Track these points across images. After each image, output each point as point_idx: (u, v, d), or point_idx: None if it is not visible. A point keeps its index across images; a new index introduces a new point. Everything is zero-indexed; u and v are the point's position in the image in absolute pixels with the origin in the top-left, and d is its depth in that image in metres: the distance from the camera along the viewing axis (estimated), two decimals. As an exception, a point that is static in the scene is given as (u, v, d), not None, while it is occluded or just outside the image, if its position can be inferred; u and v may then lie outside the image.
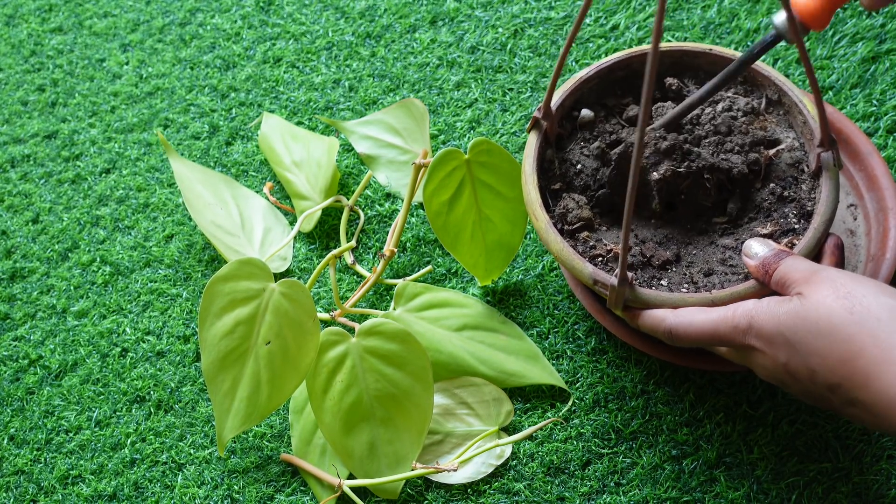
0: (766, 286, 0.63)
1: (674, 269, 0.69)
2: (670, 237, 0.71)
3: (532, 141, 0.73)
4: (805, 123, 0.70)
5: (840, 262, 0.66)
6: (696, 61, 0.75)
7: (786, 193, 0.70)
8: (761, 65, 0.73)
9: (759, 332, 0.59)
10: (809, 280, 0.59)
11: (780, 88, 0.72)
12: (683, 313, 0.64)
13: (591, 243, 0.70)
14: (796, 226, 0.68)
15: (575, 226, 0.71)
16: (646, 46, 0.75)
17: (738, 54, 0.73)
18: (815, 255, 0.66)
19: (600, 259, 0.70)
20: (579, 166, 0.74)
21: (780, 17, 0.64)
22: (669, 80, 0.75)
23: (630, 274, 0.65)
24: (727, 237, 0.70)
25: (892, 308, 0.56)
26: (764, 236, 0.68)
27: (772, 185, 0.70)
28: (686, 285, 0.68)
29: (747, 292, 0.64)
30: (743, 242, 0.68)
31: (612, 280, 0.65)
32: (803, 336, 0.57)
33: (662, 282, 0.68)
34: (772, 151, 0.71)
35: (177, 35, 1.00)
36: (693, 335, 0.63)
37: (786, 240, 0.67)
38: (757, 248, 0.65)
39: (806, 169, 0.70)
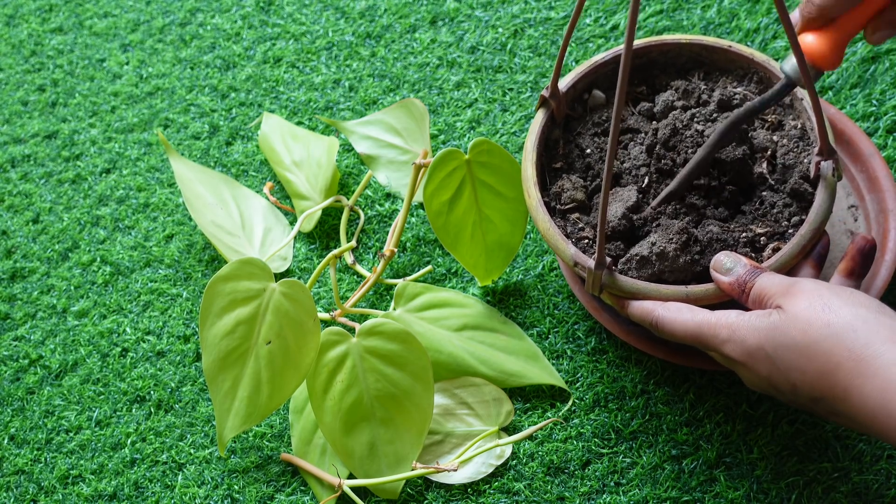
0: (742, 304, 0.63)
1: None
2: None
3: (538, 118, 0.73)
4: (812, 129, 0.70)
5: (858, 268, 0.64)
6: (713, 57, 0.75)
7: (785, 198, 0.70)
8: (777, 66, 0.72)
9: (741, 346, 0.60)
10: (787, 292, 0.59)
11: (794, 93, 0.72)
12: (671, 309, 0.64)
13: (580, 225, 0.71)
14: (788, 231, 0.68)
15: (567, 206, 0.72)
16: (668, 36, 0.75)
17: (756, 52, 0.74)
18: (798, 263, 0.66)
19: (586, 241, 0.70)
20: (584, 150, 0.74)
21: (790, 63, 0.63)
22: (677, 83, 0.75)
23: (609, 259, 0.65)
24: (721, 230, 0.70)
25: (867, 319, 0.56)
26: (756, 236, 0.68)
27: (773, 187, 0.70)
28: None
29: (720, 292, 0.64)
30: (733, 237, 0.68)
31: (590, 263, 0.65)
32: (783, 352, 0.58)
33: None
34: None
35: (177, 35, 1.00)
36: (677, 333, 0.63)
37: (773, 244, 0.67)
38: (729, 264, 0.64)
39: (808, 176, 0.70)
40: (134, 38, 1.00)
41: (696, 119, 0.72)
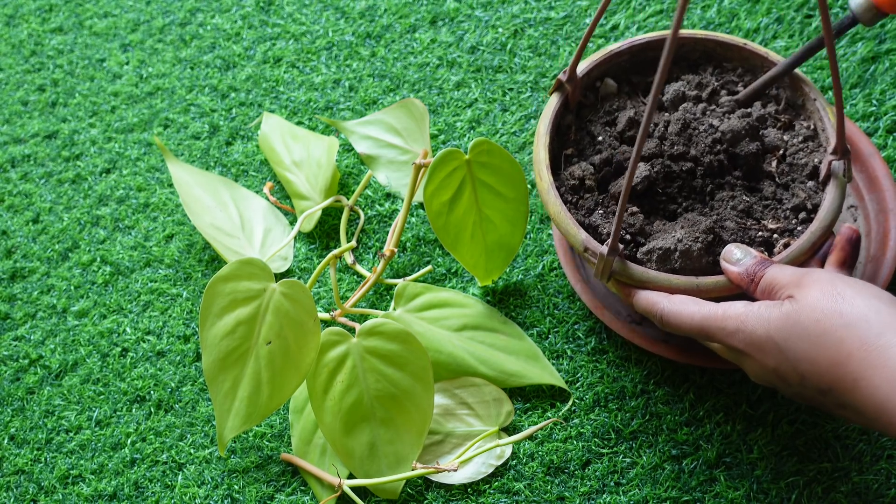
0: (751, 294, 0.63)
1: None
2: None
3: (552, 102, 0.73)
4: (823, 131, 0.70)
5: (849, 259, 0.65)
6: (727, 54, 0.75)
7: (794, 195, 0.70)
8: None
9: (749, 337, 0.59)
10: (799, 283, 0.59)
11: (806, 93, 0.72)
12: (676, 301, 0.64)
13: (589, 205, 0.71)
14: (797, 229, 0.68)
15: (577, 192, 0.72)
16: (683, 31, 0.75)
17: (770, 52, 0.74)
18: (806, 261, 0.66)
19: (602, 211, 0.71)
20: (595, 137, 0.74)
21: (856, 1, 0.65)
22: (688, 76, 0.75)
23: (621, 246, 0.65)
24: (732, 222, 0.70)
25: (879, 310, 0.56)
26: (771, 234, 0.68)
27: (782, 185, 0.70)
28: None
29: (730, 284, 0.64)
30: (749, 236, 0.68)
31: (602, 249, 0.65)
32: (794, 342, 0.57)
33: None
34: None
35: (177, 35, 1.00)
36: (683, 325, 0.63)
37: (783, 240, 0.67)
38: (739, 255, 0.64)
39: (820, 175, 0.70)
40: (134, 38, 1.00)
41: (707, 113, 0.72)
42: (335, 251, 0.77)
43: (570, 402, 0.77)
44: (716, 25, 0.92)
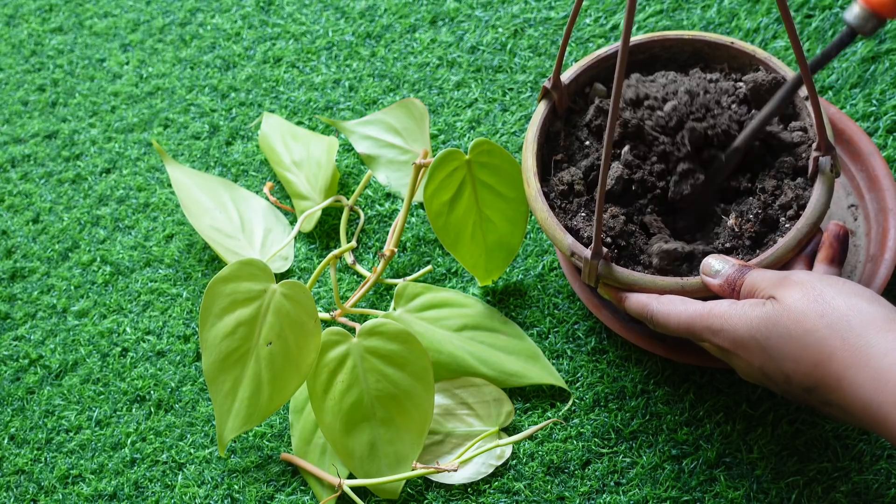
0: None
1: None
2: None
3: (539, 110, 0.74)
4: (812, 126, 0.70)
5: (838, 255, 0.65)
6: (715, 53, 0.75)
7: (784, 193, 0.70)
8: (779, 63, 0.73)
9: (733, 336, 0.60)
10: (780, 284, 0.59)
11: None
12: (665, 301, 0.64)
13: (582, 213, 0.71)
14: (785, 226, 0.68)
15: (566, 197, 0.72)
16: (670, 32, 0.75)
17: (758, 49, 0.74)
18: (793, 258, 0.66)
19: (583, 215, 0.71)
20: (584, 142, 0.74)
21: (852, 12, 0.62)
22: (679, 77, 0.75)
23: (605, 249, 0.65)
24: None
25: (861, 310, 0.56)
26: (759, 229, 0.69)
27: (772, 183, 0.70)
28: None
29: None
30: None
31: (587, 252, 0.65)
32: (776, 342, 0.58)
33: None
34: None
35: (177, 35, 1.00)
36: (671, 325, 0.63)
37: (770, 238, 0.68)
38: (717, 266, 0.64)
39: (806, 172, 0.70)
40: (134, 38, 1.00)
41: (693, 113, 0.72)
42: (335, 251, 0.78)
43: (570, 402, 0.77)
44: (716, 25, 0.92)
